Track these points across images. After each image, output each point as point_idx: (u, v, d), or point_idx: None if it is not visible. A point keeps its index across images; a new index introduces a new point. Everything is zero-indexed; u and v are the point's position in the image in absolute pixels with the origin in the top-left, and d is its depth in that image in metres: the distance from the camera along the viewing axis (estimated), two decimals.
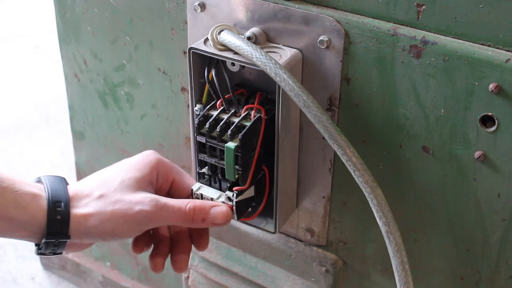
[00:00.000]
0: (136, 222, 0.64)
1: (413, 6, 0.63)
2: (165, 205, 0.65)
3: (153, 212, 0.64)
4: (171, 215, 0.66)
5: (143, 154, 0.70)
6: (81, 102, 1.01)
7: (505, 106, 0.61)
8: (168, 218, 0.66)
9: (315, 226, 0.82)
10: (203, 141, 0.70)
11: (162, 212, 0.65)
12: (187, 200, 0.67)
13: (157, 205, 0.65)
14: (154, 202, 0.65)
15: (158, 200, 0.65)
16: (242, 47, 0.65)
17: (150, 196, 0.65)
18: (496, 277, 0.71)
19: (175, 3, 0.79)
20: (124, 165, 0.69)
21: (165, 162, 0.71)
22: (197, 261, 0.93)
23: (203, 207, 0.67)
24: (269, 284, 0.87)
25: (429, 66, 0.64)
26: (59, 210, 0.61)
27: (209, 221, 0.68)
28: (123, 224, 0.63)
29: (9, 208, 0.59)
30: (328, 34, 0.67)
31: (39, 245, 0.63)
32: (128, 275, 1.20)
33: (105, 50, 0.91)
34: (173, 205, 0.66)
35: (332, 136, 0.62)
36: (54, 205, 0.61)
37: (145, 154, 0.70)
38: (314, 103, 0.62)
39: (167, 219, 0.66)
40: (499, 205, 0.67)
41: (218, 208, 0.68)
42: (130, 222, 0.64)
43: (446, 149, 0.67)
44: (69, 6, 0.91)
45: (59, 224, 0.61)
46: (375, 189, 0.62)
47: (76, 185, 0.66)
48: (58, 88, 1.60)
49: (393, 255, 0.64)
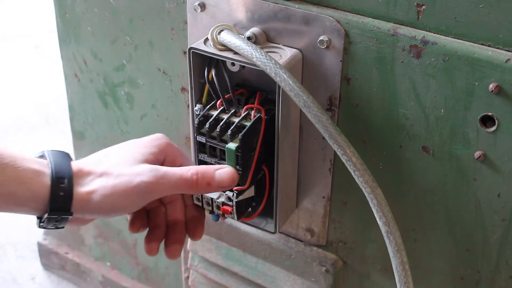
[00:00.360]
0: (136, 194, 0.63)
1: (413, 6, 0.63)
2: (165, 173, 0.64)
3: (153, 182, 0.63)
4: (173, 183, 0.64)
5: (153, 136, 0.69)
6: (81, 102, 1.01)
7: (505, 106, 0.61)
8: (170, 187, 0.64)
9: (315, 226, 0.82)
10: (203, 141, 0.70)
11: (163, 181, 0.63)
12: (188, 167, 0.66)
13: (157, 175, 0.63)
14: (153, 172, 0.63)
15: (158, 169, 0.64)
16: (242, 47, 0.65)
17: (150, 167, 0.64)
18: (496, 277, 0.71)
19: (175, 3, 0.79)
20: (132, 143, 0.68)
21: (174, 146, 0.70)
22: (197, 261, 0.93)
23: (207, 171, 0.65)
24: (269, 284, 0.87)
25: (429, 66, 0.64)
26: (62, 186, 0.60)
27: (215, 185, 0.66)
28: (125, 198, 0.62)
29: (11, 185, 0.59)
30: (328, 34, 0.67)
31: (41, 219, 0.62)
32: (128, 275, 1.20)
33: (105, 50, 0.91)
34: (174, 172, 0.64)
35: (332, 136, 0.62)
36: (58, 182, 0.60)
37: (156, 136, 0.69)
38: (314, 103, 0.62)
39: (169, 188, 0.64)
40: (499, 205, 0.67)
41: (223, 170, 0.66)
42: (130, 195, 0.62)
43: (446, 149, 0.67)
44: (69, 6, 0.91)
45: (62, 201, 0.60)
46: (375, 189, 0.62)
47: (80, 161, 0.65)
48: (58, 88, 1.60)
49: (393, 255, 0.64)
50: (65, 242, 1.32)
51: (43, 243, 1.35)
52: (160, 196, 0.66)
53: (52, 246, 1.34)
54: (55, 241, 1.34)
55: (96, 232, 1.19)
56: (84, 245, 1.27)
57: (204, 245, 0.91)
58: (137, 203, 0.64)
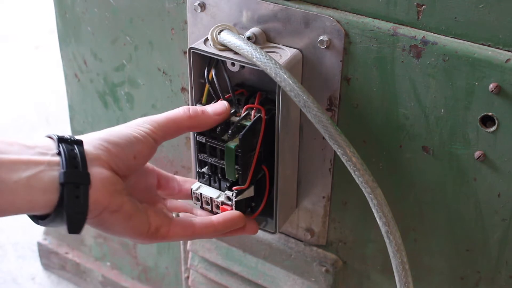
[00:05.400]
0: (142, 142, 0.63)
1: (413, 6, 0.63)
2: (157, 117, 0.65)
3: (151, 129, 0.64)
4: (171, 119, 0.65)
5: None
6: (81, 102, 1.01)
7: (505, 106, 0.61)
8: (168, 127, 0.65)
9: (315, 226, 0.82)
10: (203, 141, 0.70)
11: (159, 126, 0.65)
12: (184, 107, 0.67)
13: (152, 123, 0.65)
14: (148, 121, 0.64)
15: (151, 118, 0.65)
16: (242, 47, 0.65)
17: (143, 120, 0.64)
18: (496, 277, 0.71)
19: (175, 3, 0.79)
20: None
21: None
22: (197, 261, 0.93)
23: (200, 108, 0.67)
24: (269, 284, 0.87)
25: (429, 66, 0.64)
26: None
27: (210, 111, 0.67)
28: (132, 146, 0.62)
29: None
30: (328, 34, 0.67)
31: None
32: (128, 275, 1.20)
33: (105, 50, 0.91)
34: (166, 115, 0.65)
35: (332, 136, 0.62)
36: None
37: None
38: (314, 103, 0.62)
39: (167, 127, 0.65)
40: (499, 205, 0.67)
41: (213, 103, 0.69)
42: (138, 143, 0.63)
43: (446, 149, 0.67)
44: (69, 6, 0.91)
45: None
46: (375, 189, 0.62)
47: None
48: (58, 88, 1.60)
49: (393, 255, 0.64)
50: (65, 242, 1.32)
51: (43, 243, 1.35)
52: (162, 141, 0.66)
53: (52, 246, 1.34)
54: (55, 241, 1.34)
55: (96, 232, 1.20)
56: (84, 245, 1.27)
57: (204, 245, 0.91)
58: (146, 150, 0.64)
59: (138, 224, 0.62)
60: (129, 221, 0.61)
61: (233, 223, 0.68)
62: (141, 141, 0.63)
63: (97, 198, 0.58)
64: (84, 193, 0.57)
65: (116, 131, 0.62)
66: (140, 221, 0.62)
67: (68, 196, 0.56)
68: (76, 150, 0.58)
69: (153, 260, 1.13)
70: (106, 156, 0.60)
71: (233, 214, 0.69)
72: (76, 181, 0.56)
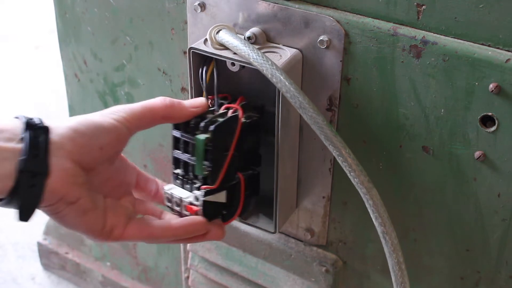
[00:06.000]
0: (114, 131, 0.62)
1: (413, 6, 0.63)
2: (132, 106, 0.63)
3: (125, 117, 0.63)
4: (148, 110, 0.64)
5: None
6: (81, 102, 1.01)
7: (505, 106, 0.61)
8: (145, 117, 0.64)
9: (315, 226, 0.82)
10: (178, 135, 0.68)
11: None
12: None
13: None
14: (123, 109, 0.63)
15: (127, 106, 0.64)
16: (240, 47, 0.65)
17: (117, 108, 0.63)
18: (496, 277, 0.71)
19: (175, 3, 0.79)
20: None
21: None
22: (197, 261, 0.93)
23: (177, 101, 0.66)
24: (269, 284, 0.87)
25: (429, 66, 0.64)
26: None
27: (187, 103, 0.67)
28: (99, 133, 0.61)
29: None
30: (328, 34, 0.67)
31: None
32: (128, 275, 1.20)
33: (105, 50, 0.91)
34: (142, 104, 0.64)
35: (327, 137, 0.62)
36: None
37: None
38: (310, 104, 0.62)
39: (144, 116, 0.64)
40: (499, 205, 0.67)
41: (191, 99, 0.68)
42: (107, 132, 0.62)
43: (446, 149, 0.67)
44: (69, 6, 0.91)
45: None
46: (370, 190, 0.62)
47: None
48: (58, 88, 1.60)
49: (389, 255, 0.64)
50: (65, 242, 1.32)
51: (43, 243, 1.35)
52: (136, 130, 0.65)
53: (52, 246, 1.34)
54: (55, 241, 1.34)
55: None
56: (84, 245, 1.27)
57: (204, 245, 0.91)
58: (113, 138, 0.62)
59: (92, 220, 0.61)
60: (83, 216, 0.60)
61: (194, 228, 0.65)
62: (110, 131, 0.61)
63: (54, 188, 0.57)
64: (40, 182, 0.56)
65: (86, 120, 0.61)
66: (95, 218, 0.61)
67: (23, 185, 0.55)
68: (41, 138, 0.57)
69: (153, 260, 1.13)
70: (70, 146, 0.59)
71: (194, 219, 0.66)
72: (34, 169, 0.56)
